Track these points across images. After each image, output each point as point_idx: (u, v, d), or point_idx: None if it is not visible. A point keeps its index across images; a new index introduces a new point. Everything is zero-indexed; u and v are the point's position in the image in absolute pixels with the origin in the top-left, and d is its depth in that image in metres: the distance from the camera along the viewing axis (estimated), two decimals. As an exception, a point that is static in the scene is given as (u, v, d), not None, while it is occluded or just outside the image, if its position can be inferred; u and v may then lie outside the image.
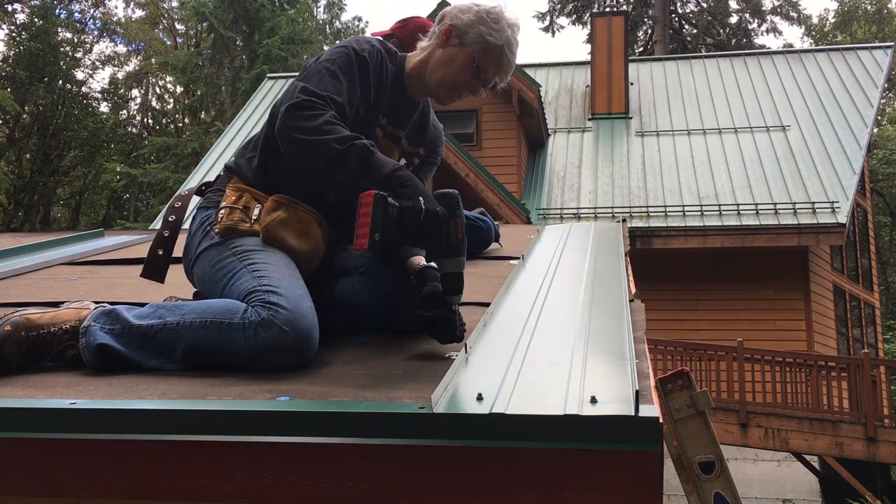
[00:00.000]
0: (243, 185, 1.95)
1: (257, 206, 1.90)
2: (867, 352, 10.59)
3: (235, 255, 1.81)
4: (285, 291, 1.65)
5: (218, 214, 1.90)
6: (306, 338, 1.61)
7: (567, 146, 14.60)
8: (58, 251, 3.38)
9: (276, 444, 1.24)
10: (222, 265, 1.81)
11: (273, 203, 1.88)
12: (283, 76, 17.92)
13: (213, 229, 1.88)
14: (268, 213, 1.87)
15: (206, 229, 1.91)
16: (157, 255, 1.96)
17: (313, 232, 1.91)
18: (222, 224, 1.87)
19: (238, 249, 1.81)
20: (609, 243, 3.06)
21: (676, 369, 1.57)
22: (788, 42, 32.08)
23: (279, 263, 1.77)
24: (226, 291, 1.77)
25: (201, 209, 1.97)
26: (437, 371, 1.50)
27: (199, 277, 1.91)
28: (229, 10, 24.60)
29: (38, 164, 25.61)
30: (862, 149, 13.13)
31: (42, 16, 24.96)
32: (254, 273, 1.73)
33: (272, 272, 1.72)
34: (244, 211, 1.89)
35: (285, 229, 1.86)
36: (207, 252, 1.87)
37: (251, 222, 1.87)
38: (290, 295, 1.65)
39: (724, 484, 1.50)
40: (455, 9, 2.02)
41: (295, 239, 1.86)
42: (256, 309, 1.62)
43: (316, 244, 1.91)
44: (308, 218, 1.90)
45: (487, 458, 1.18)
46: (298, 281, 1.75)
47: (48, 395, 1.44)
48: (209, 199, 1.98)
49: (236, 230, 1.86)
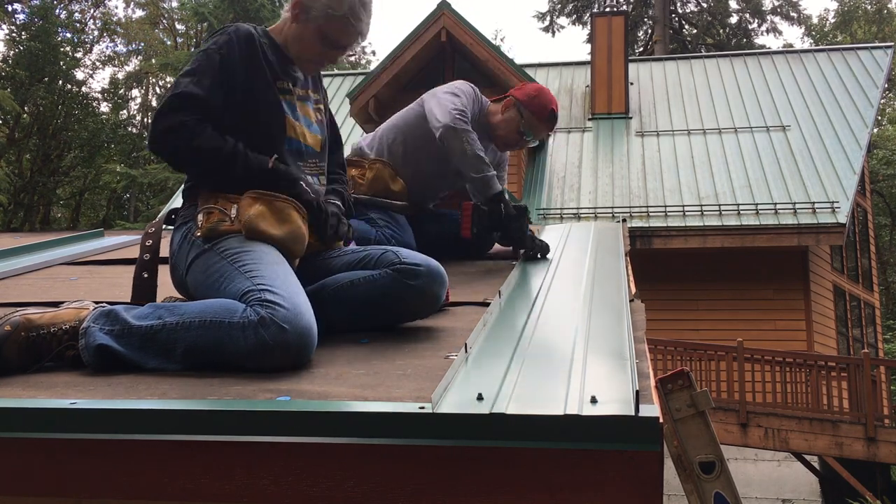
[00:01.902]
0: (212, 193, 1.96)
1: (233, 205, 1.92)
2: (867, 352, 10.59)
3: (225, 258, 1.82)
4: (281, 289, 1.66)
5: (197, 220, 1.92)
6: (306, 335, 1.61)
7: (567, 146, 14.59)
8: (58, 251, 3.38)
9: (276, 444, 1.23)
10: (214, 270, 1.83)
11: (248, 199, 1.91)
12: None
13: (196, 235, 1.90)
14: (246, 209, 1.89)
15: (190, 240, 1.93)
16: (142, 278, 2.00)
17: (292, 217, 1.93)
18: (204, 227, 1.89)
19: (226, 252, 1.83)
20: (609, 243, 3.06)
21: (676, 369, 1.57)
22: (788, 42, 32.09)
23: (270, 261, 1.78)
24: (221, 295, 1.77)
25: (178, 228, 2.00)
26: (437, 371, 1.50)
27: (194, 287, 1.92)
28: (229, 10, 24.60)
29: (38, 164, 25.60)
30: (862, 149, 13.12)
31: (42, 16, 24.95)
32: (246, 274, 1.74)
33: (264, 270, 1.73)
34: (222, 212, 1.91)
35: (265, 220, 1.88)
36: (197, 261, 1.89)
37: (231, 220, 1.89)
38: (287, 293, 1.65)
39: (725, 484, 1.50)
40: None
41: (276, 228, 1.89)
42: (255, 308, 1.62)
43: (297, 227, 1.93)
44: (285, 206, 1.93)
45: (487, 458, 1.18)
46: (291, 276, 1.75)
47: (48, 395, 1.44)
48: (183, 216, 2.01)
49: (218, 231, 1.88)
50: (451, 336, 1.86)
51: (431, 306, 1.93)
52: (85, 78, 28.43)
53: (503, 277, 2.48)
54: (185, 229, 1.97)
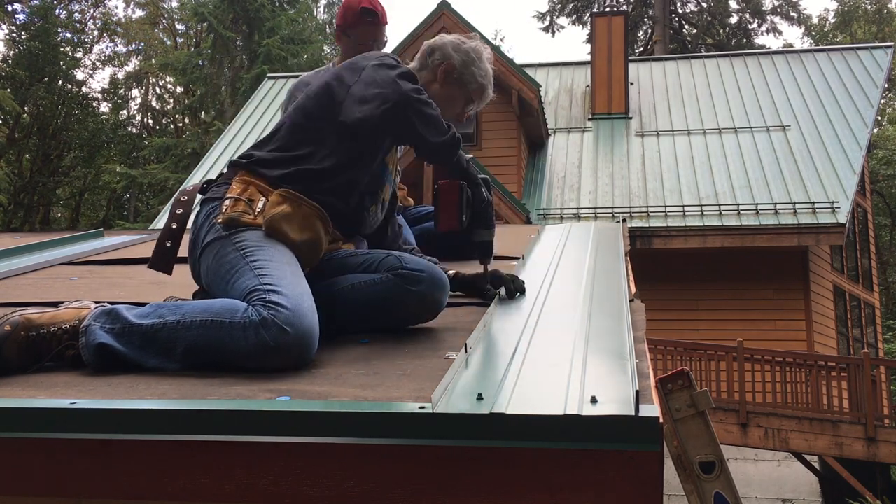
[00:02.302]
0: (249, 178, 1.96)
1: (262, 198, 1.91)
2: (867, 352, 10.59)
3: (238, 250, 1.81)
4: (287, 290, 1.66)
5: (223, 205, 1.91)
6: (307, 337, 1.61)
7: (567, 146, 14.60)
8: (58, 251, 3.38)
9: (276, 444, 1.23)
10: (226, 260, 1.82)
11: (278, 197, 1.89)
12: (283, 76, 17.91)
13: (217, 220, 1.89)
14: (272, 207, 1.88)
15: (211, 221, 1.92)
16: (165, 246, 1.96)
17: (315, 227, 1.92)
18: (226, 215, 1.88)
19: (241, 245, 1.82)
20: (609, 243, 3.06)
21: (676, 369, 1.57)
22: (788, 42, 32.07)
23: (281, 261, 1.78)
24: (229, 287, 1.77)
25: (206, 202, 1.99)
26: (437, 371, 1.50)
27: (204, 271, 1.92)
28: (229, 10, 24.58)
29: (38, 164, 25.61)
30: (862, 149, 13.13)
31: (42, 16, 24.95)
32: (256, 271, 1.73)
33: (274, 270, 1.73)
34: (248, 203, 1.90)
35: (289, 223, 1.87)
36: (212, 245, 1.88)
37: (254, 214, 1.88)
38: (292, 294, 1.65)
39: (725, 484, 1.50)
40: (446, 46, 2.22)
41: (297, 233, 1.87)
42: (257, 308, 1.62)
43: (318, 238, 1.92)
44: (311, 213, 1.91)
45: (487, 458, 1.18)
46: (300, 279, 1.75)
47: (48, 395, 1.44)
48: (214, 192, 2.00)
49: (239, 221, 1.87)
50: (452, 336, 1.86)
51: (432, 311, 1.94)
52: (85, 78, 28.48)
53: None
54: (210, 207, 1.96)
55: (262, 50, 23.59)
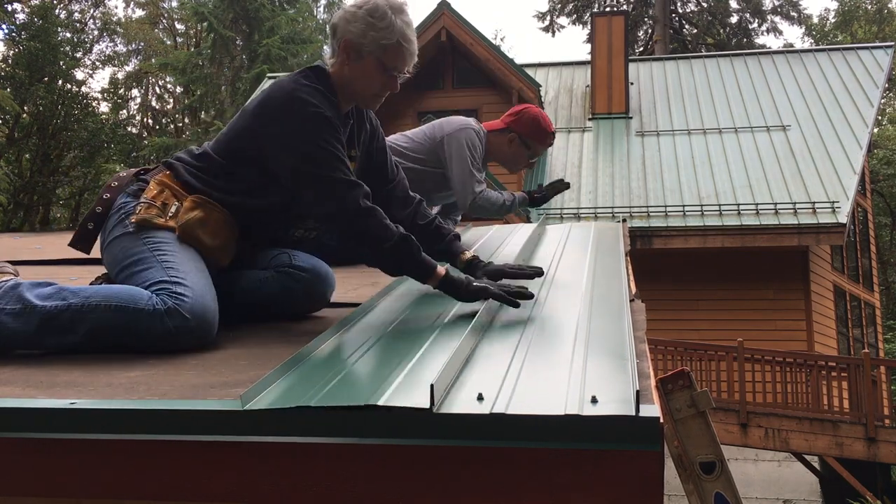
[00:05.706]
0: (169, 181, 2.03)
1: (175, 203, 2.00)
2: (867, 352, 10.59)
3: (147, 245, 1.92)
4: (191, 283, 1.82)
5: (137, 206, 1.99)
6: (207, 325, 1.80)
7: (567, 146, 14.59)
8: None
9: (277, 445, 1.23)
10: (133, 253, 1.92)
11: (191, 203, 1.99)
12: (283, 76, 17.89)
13: (129, 219, 1.98)
14: (186, 212, 1.98)
15: (121, 217, 2.00)
16: (87, 228, 2.07)
17: (225, 233, 2.03)
18: (138, 216, 1.97)
19: (150, 241, 1.93)
20: (609, 243, 3.06)
21: (677, 369, 1.57)
22: (788, 42, 32.03)
23: (188, 259, 1.91)
24: (132, 278, 1.88)
25: (124, 194, 2.06)
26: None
27: (107, 261, 2.02)
28: (229, 9, 24.58)
29: (37, 164, 25.59)
30: (862, 149, 13.12)
31: (42, 16, 24.94)
32: (164, 265, 1.86)
33: (180, 266, 1.86)
34: (161, 208, 1.99)
35: (202, 228, 1.98)
36: (119, 240, 1.97)
37: (166, 218, 1.98)
38: (195, 286, 1.82)
39: (725, 484, 1.50)
40: (342, 20, 2.05)
41: (209, 238, 1.99)
42: (162, 297, 1.76)
43: (228, 242, 2.04)
44: (222, 219, 2.02)
45: (488, 458, 1.18)
46: (203, 274, 1.90)
47: (48, 395, 1.44)
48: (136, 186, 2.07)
49: (151, 224, 1.96)
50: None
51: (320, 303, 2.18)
52: (85, 78, 28.47)
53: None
54: (124, 201, 2.03)
55: (262, 50, 23.59)
